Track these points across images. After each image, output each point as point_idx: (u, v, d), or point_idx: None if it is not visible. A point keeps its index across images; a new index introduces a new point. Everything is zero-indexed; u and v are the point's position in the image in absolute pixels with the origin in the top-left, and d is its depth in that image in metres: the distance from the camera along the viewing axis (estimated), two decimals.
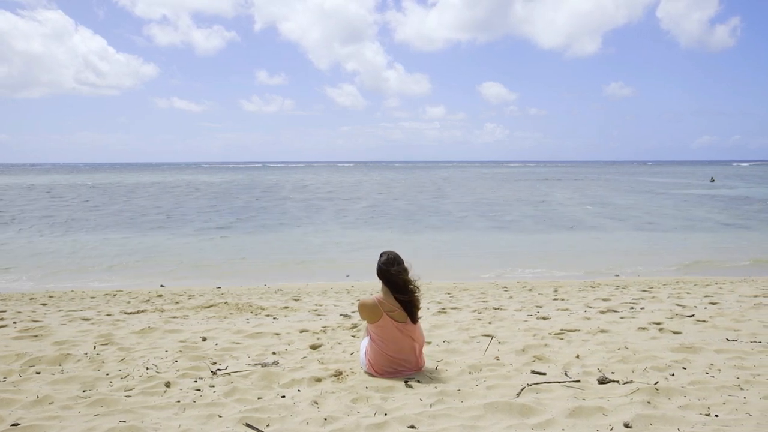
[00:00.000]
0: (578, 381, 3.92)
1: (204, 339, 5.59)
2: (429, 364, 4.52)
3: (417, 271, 4.35)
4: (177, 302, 8.98)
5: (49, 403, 3.50)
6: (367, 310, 4.18)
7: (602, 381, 3.91)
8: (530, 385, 3.81)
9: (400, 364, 4.16)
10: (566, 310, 7.55)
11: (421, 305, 4.31)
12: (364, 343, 4.38)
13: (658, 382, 3.80)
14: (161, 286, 11.57)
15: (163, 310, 7.93)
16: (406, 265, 4.23)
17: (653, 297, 8.74)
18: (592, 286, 10.60)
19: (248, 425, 3.07)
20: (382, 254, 4.29)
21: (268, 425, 3.18)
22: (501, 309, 7.71)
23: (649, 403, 3.36)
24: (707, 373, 4.08)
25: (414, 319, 4.18)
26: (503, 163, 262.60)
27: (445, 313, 7.44)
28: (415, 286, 4.19)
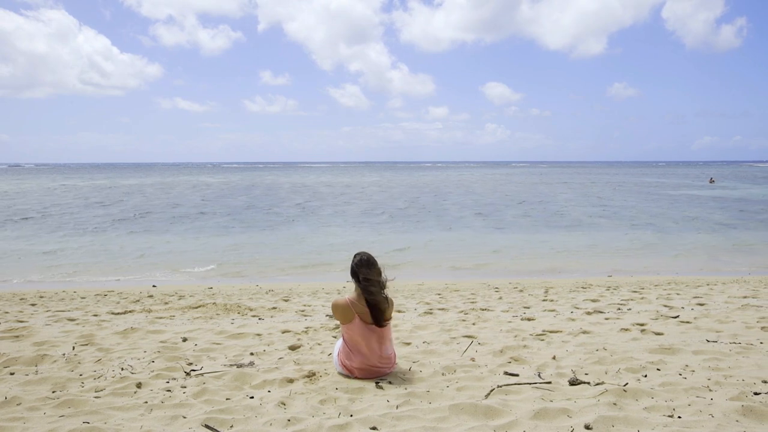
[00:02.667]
0: (549, 383, 3.91)
1: (185, 340, 5.59)
2: (405, 365, 4.52)
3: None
4: (166, 303, 8.99)
5: (17, 404, 3.50)
6: (340, 311, 4.18)
7: (573, 382, 3.90)
8: (500, 387, 3.80)
9: (371, 365, 4.15)
10: (553, 311, 7.53)
11: (392, 308, 4.29)
12: (338, 344, 4.38)
13: (627, 383, 3.78)
14: (153, 286, 11.60)
15: (150, 311, 7.94)
16: (378, 268, 4.22)
17: (642, 298, 8.72)
18: (583, 287, 10.58)
19: (207, 426, 3.07)
20: (355, 255, 4.29)
21: (231, 426, 3.18)
22: (488, 310, 7.70)
23: (615, 404, 3.35)
24: (680, 375, 4.07)
25: (381, 323, 4.17)
26: (506, 164, 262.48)
27: (431, 314, 7.43)
28: (385, 291, 4.18)
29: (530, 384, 3.87)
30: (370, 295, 4.15)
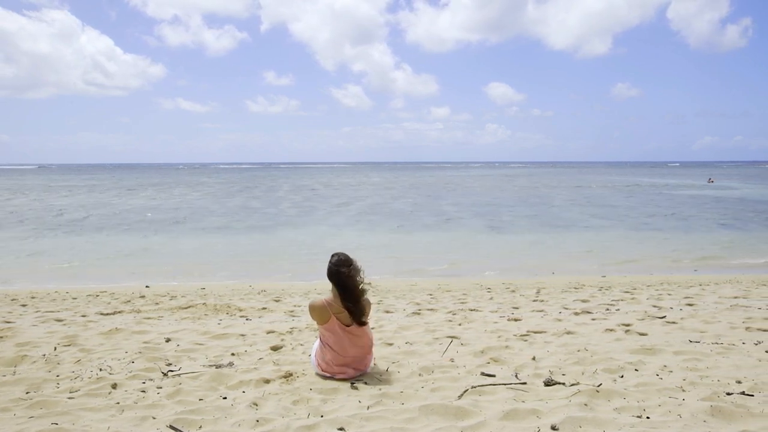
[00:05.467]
0: (524, 383, 3.90)
1: (168, 340, 5.59)
2: (384, 365, 4.51)
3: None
4: (157, 303, 8.99)
5: None
6: (316, 312, 4.18)
7: (548, 383, 3.89)
8: (474, 387, 3.79)
9: (348, 366, 4.16)
10: (541, 311, 7.51)
11: (369, 308, 4.29)
12: (316, 345, 4.38)
13: (601, 384, 3.78)
14: (146, 287, 11.59)
15: (139, 311, 7.95)
16: (356, 267, 4.21)
17: (633, 298, 8.70)
18: (575, 287, 10.56)
19: (172, 427, 3.07)
20: (332, 256, 4.29)
21: (200, 427, 3.17)
22: (476, 310, 7.68)
23: (586, 405, 3.35)
24: (657, 375, 4.06)
25: (360, 322, 4.17)
26: (506, 164, 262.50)
27: (419, 314, 7.41)
28: (362, 290, 4.17)
29: (505, 385, 3.86)
30: (350, 296, 4.15)
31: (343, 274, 4.14)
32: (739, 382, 3.78)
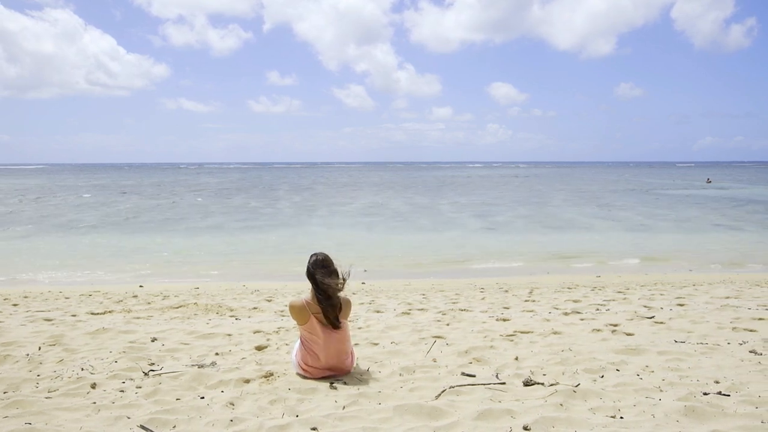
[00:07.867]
0: (503, 383, 3.89)
1: (153, 340, 5.59)
2: (366, 365, 4.51)
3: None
4: (149, 303, 8.99)
5: None
6: (296, 312, 4.18)
7: (527, 383, 3.88)
8: (452, 387, 3.78)
9: (328, 366, 4.15)
10: (531, 311, 7.50)
11: (349, 309, 4.29)
12: (296, 345, 4.38)
13: (579, 384, 3.77)
14: (140, 286, 11.60)
15: (130, 311, 7.95)
16: (334, 267, 4.21)
17: (625, 298, 8.69)
18: (569, 288, 10.55)
19: (143, 427, 3.07)
20: (312, 255, 4.29)
21: (174, 426, 3.17)
22: (467, 310, 7.67)
23: (561, 405, 3.34)
24: (637, 375, 4.05)
25: (335, 325, 4.16)
26: (508, 165, 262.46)
27: (408, 314, 7.41)
28: (339, 289, 4.16)
29: (484, 385, 3.85)
30: (325, 297, 4.15)
31: (320, 274, 4.15)
32: (718, 382, 3.77)
